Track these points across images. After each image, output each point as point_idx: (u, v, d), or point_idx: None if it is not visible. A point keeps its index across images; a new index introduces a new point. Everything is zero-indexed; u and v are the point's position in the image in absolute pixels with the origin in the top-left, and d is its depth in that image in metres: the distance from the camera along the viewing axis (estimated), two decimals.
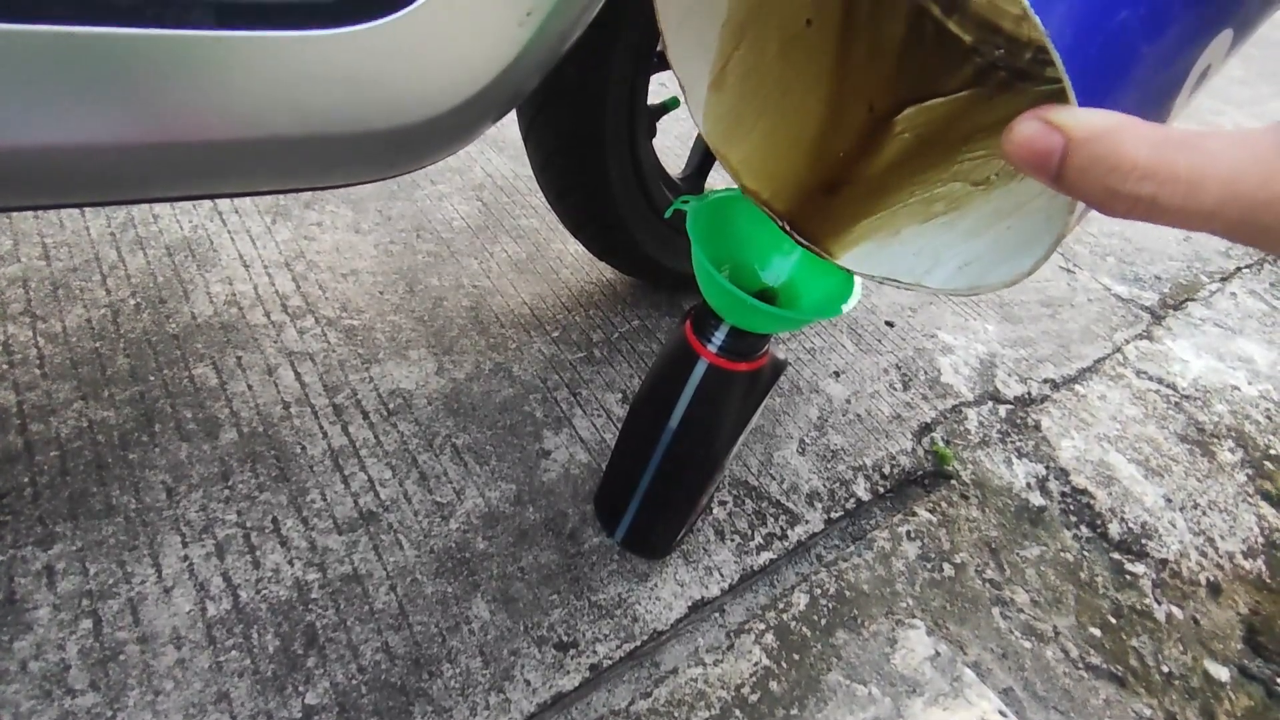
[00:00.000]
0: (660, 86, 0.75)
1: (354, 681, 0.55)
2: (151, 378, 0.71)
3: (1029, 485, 0.85)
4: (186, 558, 0.59)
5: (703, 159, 0.92)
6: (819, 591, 0.68)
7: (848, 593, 0.69)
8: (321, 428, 0.71)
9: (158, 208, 0.90)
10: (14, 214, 0.86)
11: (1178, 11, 0.21)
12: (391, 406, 0.74)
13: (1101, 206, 0.19)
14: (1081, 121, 0.19)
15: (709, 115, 0.40)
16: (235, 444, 0.68)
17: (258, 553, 0.61)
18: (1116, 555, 0.80)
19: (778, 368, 0.56)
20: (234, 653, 0.55)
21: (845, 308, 0.46)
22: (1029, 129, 0.20)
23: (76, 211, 0.87)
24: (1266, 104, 2.26)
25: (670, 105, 0.81)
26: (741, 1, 0.37)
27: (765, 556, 0.70)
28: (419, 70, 0.36)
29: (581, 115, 0.70)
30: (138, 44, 0.28)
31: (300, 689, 0.54)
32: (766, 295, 0.52)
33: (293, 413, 0.71)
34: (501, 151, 1.18)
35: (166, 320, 0.77)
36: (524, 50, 0.39)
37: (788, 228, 0.41)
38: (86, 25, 0.27)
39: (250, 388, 0.73)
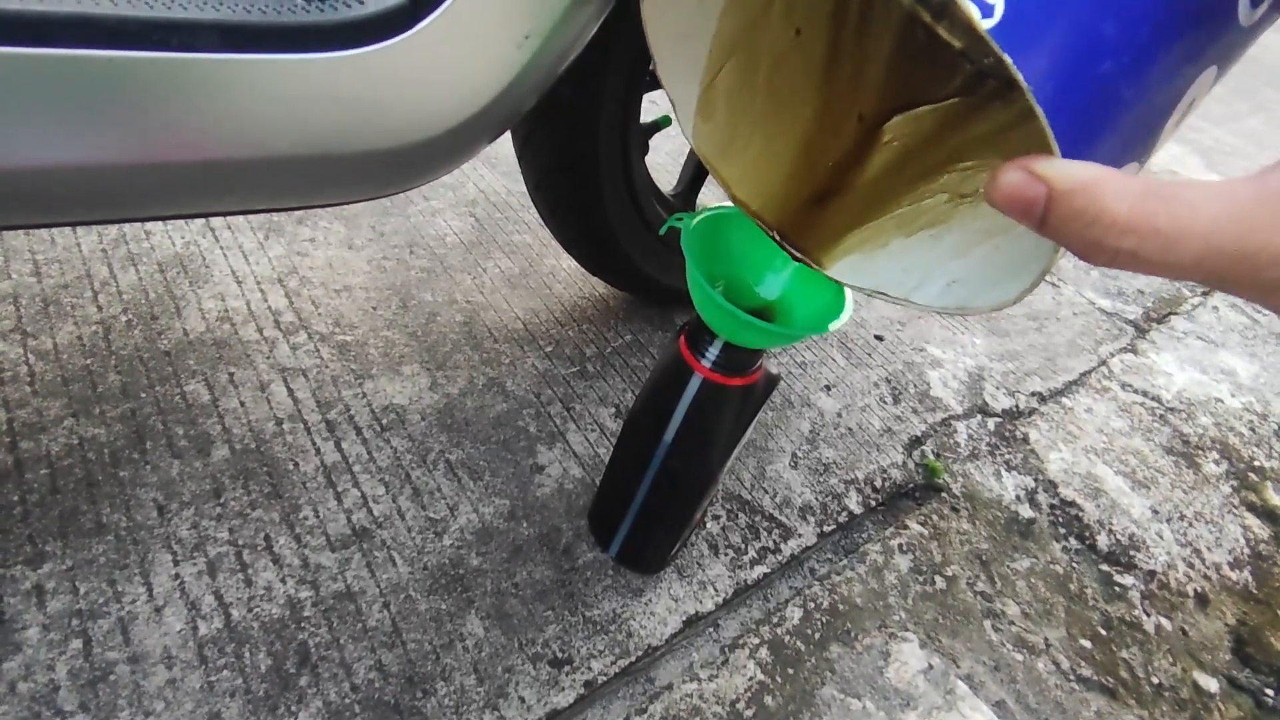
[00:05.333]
0: (652, 104, 0.76)
1: (347, 700, 0.54)
2: (143, 394, 0.71)
3: (1018, 498, 0.86)
4: (178, 576, 0.59)
5: (694, 175, 0.93)
6: (812, 605, 0.69)
7: (841, 606, 0.69)
8: (314, 444, 0.71)
9: (150, 224, 0.90)
10: (5, 231, 0.85)
11: (1161, 57, 0.21)
12: (385, 422, 0.74)
13: (1084, 256, 0.20)
14: (1064, 173, 0.19)
15: (701, 131, 0.41)
16: (227, 461, 0.67)
17: (250, 571, 0.60)
18: (1105, 567, 0.81)
19: (771, 382, 0.57)
20: (226, 672, 0.54)
21: (836, 324, 0.47)
22: (1014, 179, 0.20)
23: (68, 228, 0.87)
24: (1244, 120, 2.31)
25: (663, 123, 0.82)
26: (731, 18, 0.38)
27: (759, 570, 0.71)
28: (418, 92, 0.36)
29: (576, 134, 0.71)
30: (143, 67, 0.28)
31: (293, 709, 0.53)
32: (761, 311, 0.53)
33: (285, 429, 0.71)
34: (494, 168, 1.19)
35: (158, 337, 0.77)
36: (522, 72, 0.40)
37: (778, 238, 0.42)
38: (94, 49, 0.27)
39: (243, 404, 0.72)
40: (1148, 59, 0.21)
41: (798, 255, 0.41)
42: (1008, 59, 0.19)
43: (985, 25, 0.19)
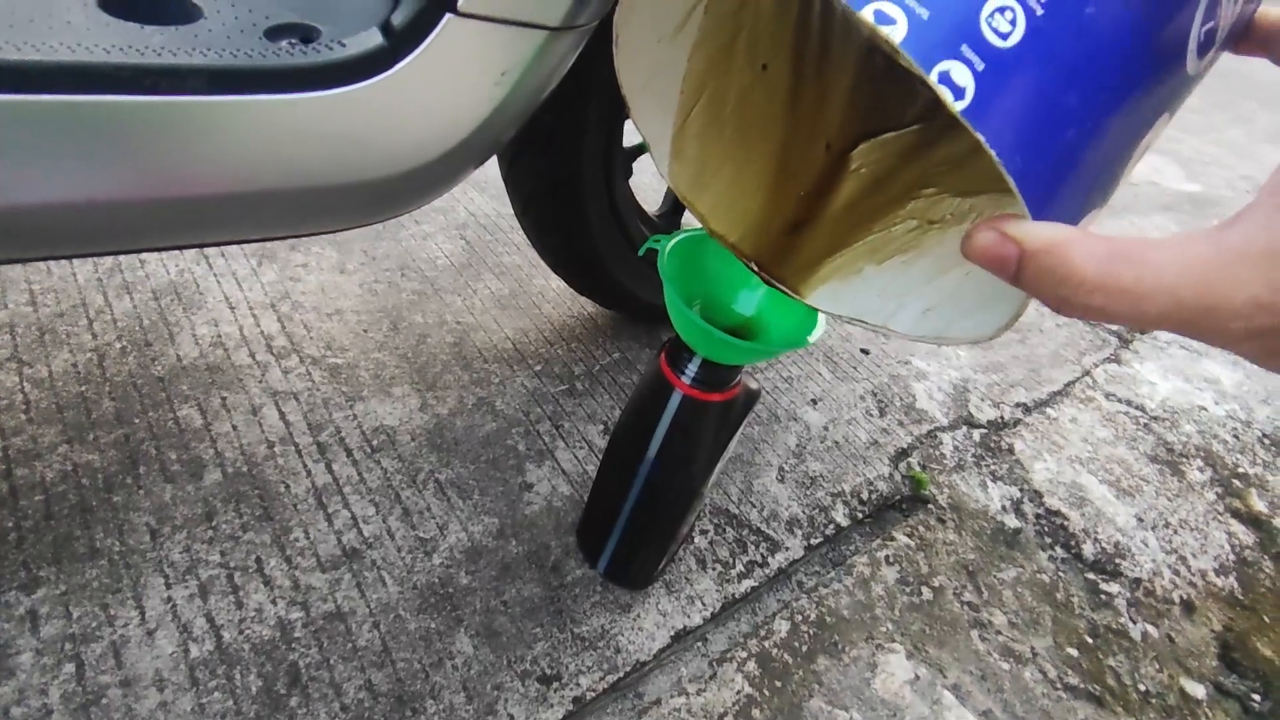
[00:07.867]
0: (634, 128, 0.79)
1: None
2: (136, 420, 0.72)
3: (1004, 508, 0.87)
4: (170, 599, 0.59)
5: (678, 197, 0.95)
6: (800, 618, 0.69)
7: (828, 619, 0.70)
8: (305, 466, 0.72)
9: (144, 253, 0.92)
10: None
11: (1120, 117, 0.22)
12: (375, 443, 0.75)
13: (1056, 310, 0.21)
14: (1033, 235, 0.21)
15: (675, 168, 0.43)
16: (219, 484, 0.68)
17: (241, 593, 0.61)
18: (1091, 575, 0.81)
19: (751, 397, 0.58)
20: (217, 694, 0.55)
21: (810, 339, 0.48)
22: (986, 238, 0.21)
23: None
24: (1222, 132, 2.35)
25: (645, 147, 0.84)
26: (699, 58, 0.39)
27: (747, 584, 0.71)
28: (401, 127, 0.38)
29: (560, 159, 0.72)
30: (136, 110, 0.30)
31: None
32: (738, 328, 0.54)
33: (277, 452, 0.72)
34: (484, 191, 1.21)
35: (152, 363, 0.78)
36: (500, 106, 0.41)
37: (756, 268, 0.43)
38: (90, 95, 0.29)
39: (235, 428, 0.73)
40: (1108, 121, 0.22)
41: (776, 284, 0.42)
42: (982, 137, 0.20)
43: (958, 107, 0.20)
